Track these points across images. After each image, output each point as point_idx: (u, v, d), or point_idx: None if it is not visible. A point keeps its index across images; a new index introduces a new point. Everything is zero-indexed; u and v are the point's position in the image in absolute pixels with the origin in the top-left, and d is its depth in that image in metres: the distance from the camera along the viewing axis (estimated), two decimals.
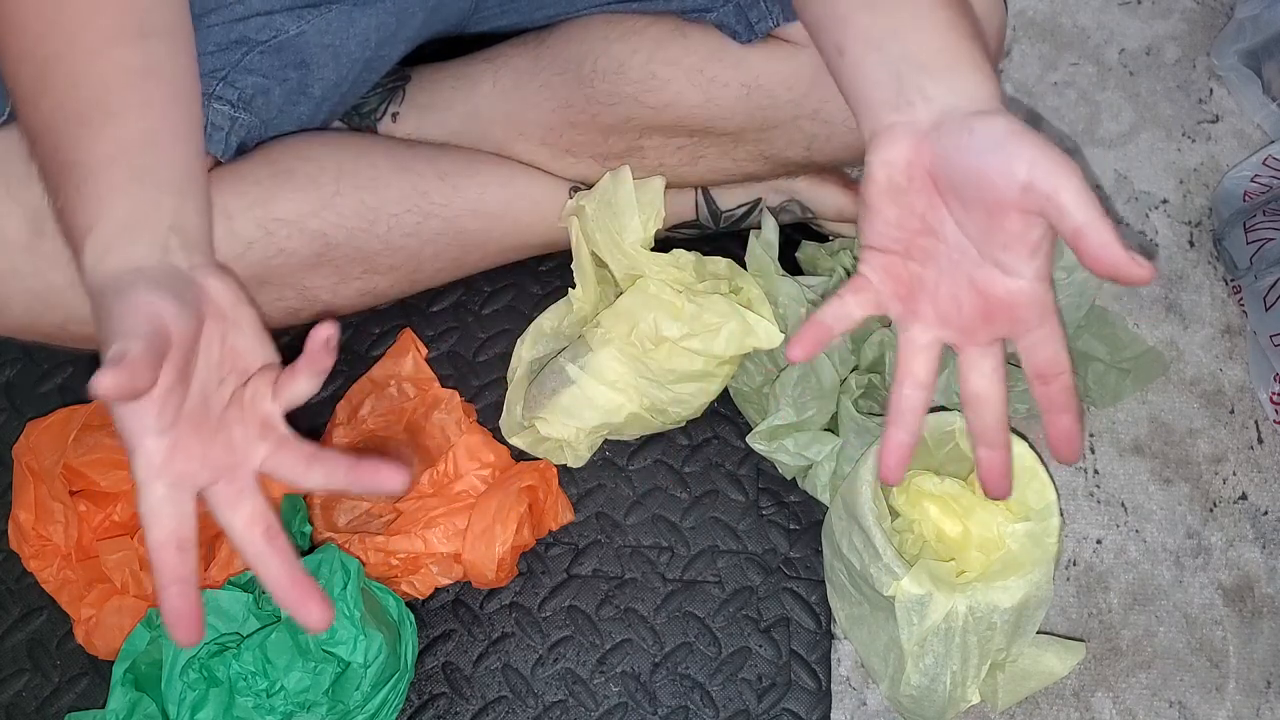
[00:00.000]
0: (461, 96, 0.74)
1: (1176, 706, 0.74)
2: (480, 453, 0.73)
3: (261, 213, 0.63)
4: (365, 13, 0.64)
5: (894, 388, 0.51)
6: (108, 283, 0.46)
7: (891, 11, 0.50)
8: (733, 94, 0.67)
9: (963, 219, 0.47)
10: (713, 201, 0.79)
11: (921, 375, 0.51)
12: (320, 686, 0.62)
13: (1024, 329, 0.47)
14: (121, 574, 0.67)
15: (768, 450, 0.73)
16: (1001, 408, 0.50)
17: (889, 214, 0.49)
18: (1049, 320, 0.47)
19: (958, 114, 0.46)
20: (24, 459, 0.68)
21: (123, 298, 0.44)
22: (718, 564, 0.75)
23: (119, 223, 0.48)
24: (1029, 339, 0.47)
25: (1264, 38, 0.93)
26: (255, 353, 0.50)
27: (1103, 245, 0.42)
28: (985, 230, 0.46)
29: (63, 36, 0.50)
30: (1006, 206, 0.44)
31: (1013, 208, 0.44)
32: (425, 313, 0.82)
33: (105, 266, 0.47)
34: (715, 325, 0.68)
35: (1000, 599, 0.62)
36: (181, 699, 0.61)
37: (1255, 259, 0.84)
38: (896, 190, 0.49)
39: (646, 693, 0.71)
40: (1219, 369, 0.85)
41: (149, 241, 0.48)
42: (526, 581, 0.74)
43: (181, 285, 0.47)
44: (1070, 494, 0.81)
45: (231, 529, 0.47)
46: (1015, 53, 0.99)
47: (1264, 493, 0.81)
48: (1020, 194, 0.43)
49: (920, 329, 0.51)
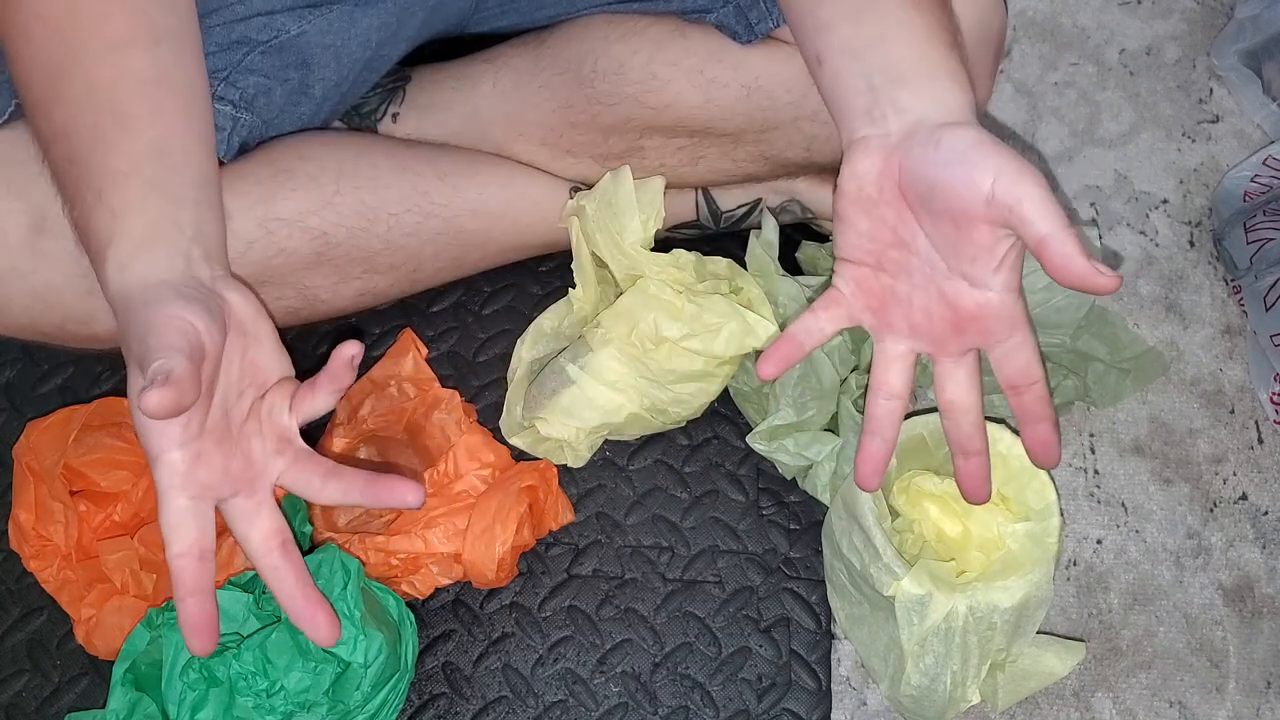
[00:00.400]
0: (461, 97, 0.74)
1: (1176, 706, 0.74)
2: (480, 453, 0.73)
3: (262, 212, 0.63)
4: (366, 13, 0.64)
5: (869, 396, 0.52)
6: (134, 295, 0.46)
7: (869, 21, 0.50)
8: (733, 95, 0.67)
9: (931, 231, 0.47)
10: (713, 202, 0.79)
11: (896, 386, 0.51)
12: (320, 686, 0.62)
13: (994, 340, 0.47)
14: (121, 574, 0.67)
15: (768, 450, 0.73)
16: (977, 415, 0.50)
17: (861, 226, 0.50)
18: (1019, 331, 0.47)
19: (927, 126, 0.46)
20: (24, 459, 0.68)
21: (154, 310, 0.45)
22: (718, 564, 0.75)
23: (141, 235, 0.48)
24: (1000, 350, 0.47)
25: (1264, 38, 0.93)
26: (273, 366, 0.50)
27: (1065, 255, 0.42)
28: (953, 242, 0.46)
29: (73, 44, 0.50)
30: (972, 219, 0.44)
31: (978, 220, 0.44)
32: (425, 313, 0.82)
33: (129, 279, 0.47)
34: (715, 325, 0.68)
35: (1000, 599, 0.62)
36: (181, 699, 0.61)
37: (1255, 259, 0.84)
38: (867, 203, 0.49)
39: (647, 693, 0.71)
40: (1219, 369, 0.85)
41: (171, 253, 0.49)
42: (526, 581, 0.74)
43: (206, 297, 0.48)
44: (1070, 494, 0.81)
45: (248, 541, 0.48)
46: (1015, 53, 0.99)
47: (1264, 493, 0.81)
48: (984, 206, 0.43)
49: (893, 340, 0.51)
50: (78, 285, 0.60)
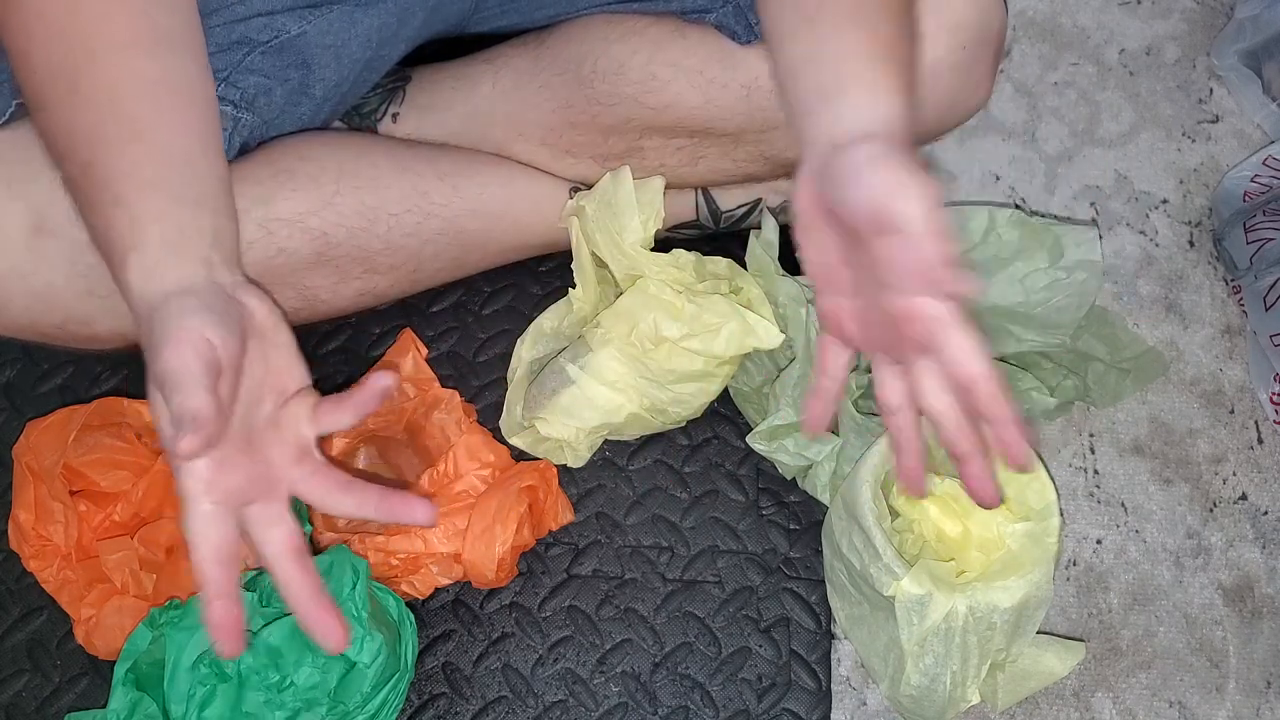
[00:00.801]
0: (461, 97, 0.74)
1: (1176, 706, 0.74)
2: (480, 453, 0.73)
3: (262, 212, 0.63)
4: (367, 13, 0.64)
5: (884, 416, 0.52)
6: (157, 303, 0.47)
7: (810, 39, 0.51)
8: (732, 95, 0.67)
9: (852, 246, 0.47)
10: (713, 202, 0.79)
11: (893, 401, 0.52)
12: (328, 684, 0.62)
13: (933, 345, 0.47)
14: (121, 574, 0.67)
15: (768, 450, 0.73)
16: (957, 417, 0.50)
17: (809, 252, 0.51)
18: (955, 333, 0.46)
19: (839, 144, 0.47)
20: (24, 459, 0.68)
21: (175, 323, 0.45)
22: (718, 564, 0.75)
23: (161, 244, 0.49)
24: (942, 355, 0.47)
25: (1264, 38, 0.93)
26: (293, 373, 0.51)
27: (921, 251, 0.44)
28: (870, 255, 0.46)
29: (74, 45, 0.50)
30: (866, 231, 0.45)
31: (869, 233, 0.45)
32: (425, 313, 0.82)
33: (153, 287, 0.48)
34: (715, 325, 0.68)
35: (1000, 599, 0.62)
36: (190, 695, 0.61)
37: (1255, 259, 0.84)
38: (807, 228, 0.50)
39: (646, 693, 0.71)
40: (1219, 369, 0.85)
41: (193, 259, 0.49)
42: (526, 581, 0.74)
43: (227, 304, 0.48)
44: (1070, 494, 0.81)
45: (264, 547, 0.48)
46: (1015, 53, 0.99)
47: (1264, 493, 0.81)
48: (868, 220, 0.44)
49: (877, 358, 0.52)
50: (78, 285, 0.60)
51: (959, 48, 0.64)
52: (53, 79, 0.51)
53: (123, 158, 0.50)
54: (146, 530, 0.68)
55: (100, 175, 0.50)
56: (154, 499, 0.68)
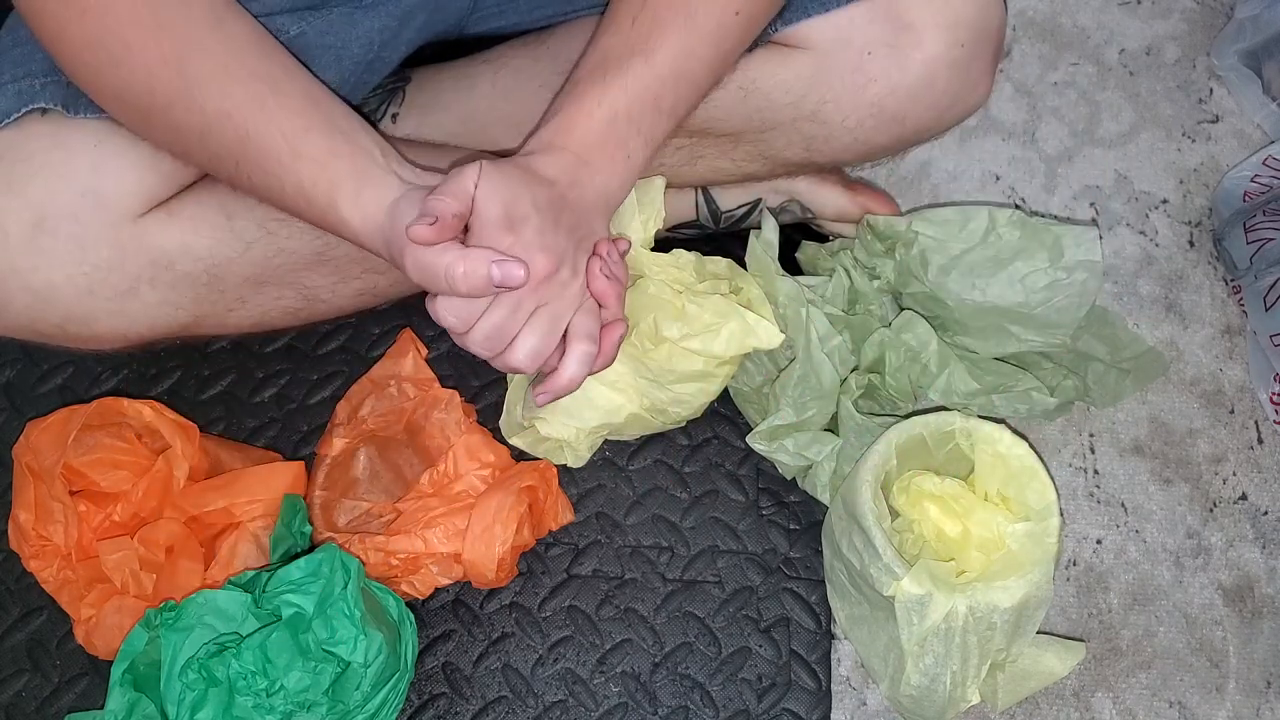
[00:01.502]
0: (461, 97, 0.74)
1: (1176, 706, 0.74)
2: (480, 453, 0.73)
3: (262, 212, 0.63)
4: (367, 15, 0.64)
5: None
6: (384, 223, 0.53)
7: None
8: (730, 96, 0.67)
9: None
10: (713, 201, 0.79)
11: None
12: (320, 686, 0.62)
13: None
14: (121, 574, 0.67)
15: (768, 450, 0.73)
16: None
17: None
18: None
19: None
20: (24, 459, 0.68)
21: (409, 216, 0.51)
22: (718, 564, 0.75)
23: (352, 172, 0.54)
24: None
25: (1264, 38, 0.93)
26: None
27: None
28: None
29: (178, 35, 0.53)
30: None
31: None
32: (425, 312, 0.82)
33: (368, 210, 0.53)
34: (715, 325, 0.68)
35: (1000, 599, 0.62)
36: (181, 699, 0.61)
37: (1255, 259, 0.84)
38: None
39: (646, 693, 0.71)
40: (1219, 369, 0.85)
41: (384, 175, 0.54)
42: (526, 581, 0.74)
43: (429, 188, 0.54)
44: (1070, 494, 0.81)
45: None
46: (1015, 53, 0.99)
47: (1264, 493, 0.81)
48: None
49: None
50: (78, 285, 0.60)
51: (957, 45, 0.64)
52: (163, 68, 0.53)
53: (277, 112, 0.53)
54: (146, 530, 0.68)
55: (266, 136, 0.53)
56: (154, 499, 0.68)
